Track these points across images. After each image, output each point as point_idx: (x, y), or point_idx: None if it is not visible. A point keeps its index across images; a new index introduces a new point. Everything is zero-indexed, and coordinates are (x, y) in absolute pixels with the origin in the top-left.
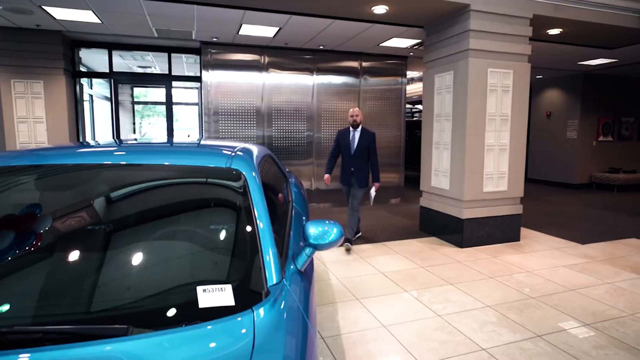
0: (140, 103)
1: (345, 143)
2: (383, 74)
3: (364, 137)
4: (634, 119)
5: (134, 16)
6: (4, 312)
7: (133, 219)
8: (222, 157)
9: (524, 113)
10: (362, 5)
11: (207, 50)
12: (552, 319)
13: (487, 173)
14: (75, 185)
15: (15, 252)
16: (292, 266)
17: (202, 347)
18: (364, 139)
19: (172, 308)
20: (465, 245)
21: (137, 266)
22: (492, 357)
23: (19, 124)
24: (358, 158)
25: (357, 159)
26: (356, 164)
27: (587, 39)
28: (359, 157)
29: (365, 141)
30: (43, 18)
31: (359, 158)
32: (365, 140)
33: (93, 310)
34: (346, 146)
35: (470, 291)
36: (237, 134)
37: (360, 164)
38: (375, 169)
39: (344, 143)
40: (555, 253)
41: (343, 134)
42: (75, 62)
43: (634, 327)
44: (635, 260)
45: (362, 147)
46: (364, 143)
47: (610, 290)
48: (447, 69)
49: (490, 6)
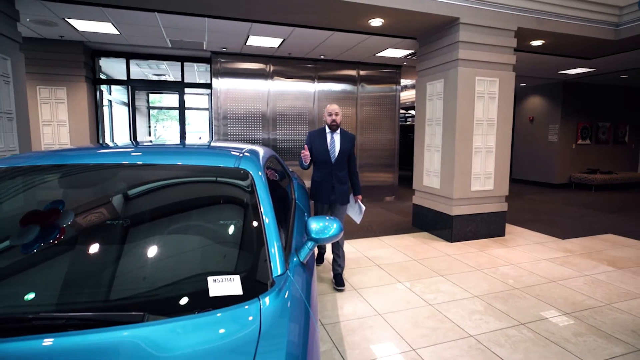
0: (155, 108)
1: (321, 149)
2: (379, 81)
3: (345, 141)
4: (610, 124)
5: (150, 28)
6: (30, 300)
7: (149, 214)
8: (230, 157)
9: (509, 118)
10: (360, 19)
11: (217, 59)
12: (535, 308)
13: (475, 173)
14: (95, 183)
15: (40, 245)
16: (295, 258)
17: (213, 332)
18: (346, 143)
19: (185, 297)
20: (455, 240)
21: (153, 258)
22: (480, 343)
23: (44, 127)
24: (340, 168)
25: (339, 169)
26: (338, 175)
27: (567, 50)
28: (341, 167)
29: (347, 146)
30: (66, 30)
31: (341, 168)
32: (347, 145)
33: (112, 299)
34: (323, 153)
35: (459, 282)
36: (244, 137)
37: (343, 175)
38: (356, 178)
39: (319, 149)
40: (538, 247)
41: (316, 137)
42: (96, 70)
43: (611, 316)
44: (612, 254)
45: (344, 154)
46: (346, 149)
47: (589, 282)
48: (438, 77)
49: (478, 19)
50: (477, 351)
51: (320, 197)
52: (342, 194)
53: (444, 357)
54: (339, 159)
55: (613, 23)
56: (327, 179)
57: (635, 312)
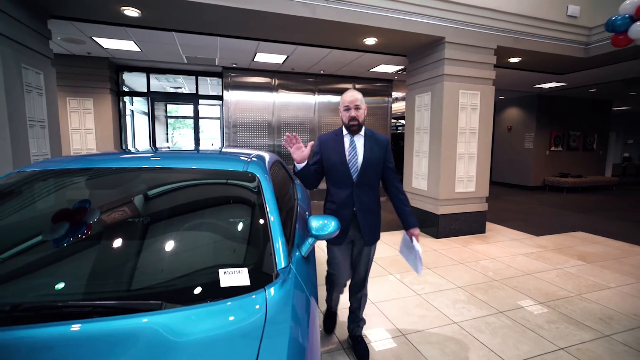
0: (173, 117)
1: (336, 160)
2: (372, 94)
3: (373, 146)
4: (580, 133)
5: (168, 46)
6: (60, 290)
7: (166, 213)
8: (239, 162)
9: (489, 127)
10: (356, 38)
11: (228, 74)
12: (512, 298)
13: (459, 177)
14: (118, 185)
15: (69, 240)
16: (298, 253)
17: (223, 319)
18: (375, 150)
19: (198, 287)
20: (440, 236)
21: (169, 252)
22: (463, 329)
23: (73, 134)
24: (367, 188)
25: (365, 189)
26: (362, 199)
27: (541, 66)
28: (367, 186)
29: (376, 155)
30: (93, 47)
31: (369, 188)
32: (376, 152)
33: (133, 289)
34: (339, 166)
35: (444, 274)
36: (252, 144)
37: (370, 200)
38: (405, 203)
39: (333, 160)
40: (515, 243)
41: (330, 143)
42: (119, 83)
43: (580, 305)
44: (581, 249)
45: (373, 167)
46: (374, 158)
47: (560, 275)
48: (426, 90)
49: (462, 39)
50: (460, 336)
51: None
52: (370, 229)
53: (430, 342)
54: (364, 174)
55: (583, 42)
56: (346, 206)
57: (602, 302)
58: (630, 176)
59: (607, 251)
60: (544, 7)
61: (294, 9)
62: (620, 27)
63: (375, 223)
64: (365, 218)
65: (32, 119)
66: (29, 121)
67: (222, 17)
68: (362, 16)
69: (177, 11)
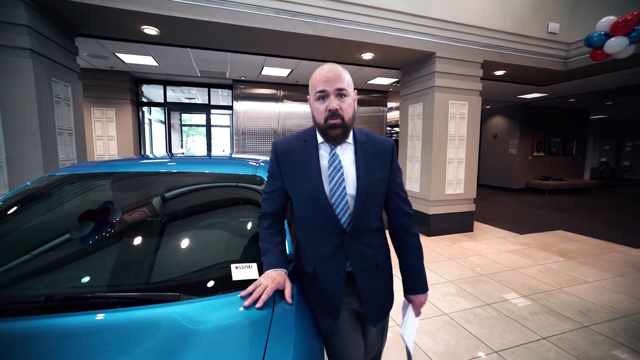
0: (187, 125)
1: (307, 187)
2: (369, 104)
3: (371, 159)
4: (560, 139)
5: (183, 61)
6: (87, 282)
7: (182, 213)
8: (249, 166)
9: (476, 134)
10: (354, 53)
11: (237, 86)
12: (498, 292)
13: (448, 180)
14: (138, 187)
15: (94, 237)
16: None
17: (235, 310)
18: (374, 163)
19: (212, 280)
20: (432, 234)
21: (185, 249)
22: (452, 320)
23: (97, 141)
24: (367, 232)
25: (365, 234)
26: (361, 250)
27: (524, 78)
28: (368, 229)
29: (377, 172)
30: (115, 62)
31: (370, 230)
32: (376, 167)
33: (152, 282)
34: (312, 198)
35: (435, 269)
36: (259, 150)
37: (373, 251)
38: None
39: (303, 187)
40: (500, 241)
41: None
42: (139, 95)
43: (561, 298)
44: (562, 246)
45: (375, 194)
46: (376, 180)
47: (543, 270)
48: (418, 100)
49: (451, 53)
50: (450, 326)
51: (320, 301)
52: (377, 301)
53: (423, 331)
54: (362, 211)
55: (562, 57)
56: (332, 261)
57: (581, 295)
58: (607, 179)
59: (585, 248)
60: (526, 24)
61: (298, 27)
62: (596, 43)
63: (384, 289)
64: (366, 282)
65: (60, 127)
66: (58, 129)
67: (232, 34)
68: (360, 33)
69: (191, 29)
